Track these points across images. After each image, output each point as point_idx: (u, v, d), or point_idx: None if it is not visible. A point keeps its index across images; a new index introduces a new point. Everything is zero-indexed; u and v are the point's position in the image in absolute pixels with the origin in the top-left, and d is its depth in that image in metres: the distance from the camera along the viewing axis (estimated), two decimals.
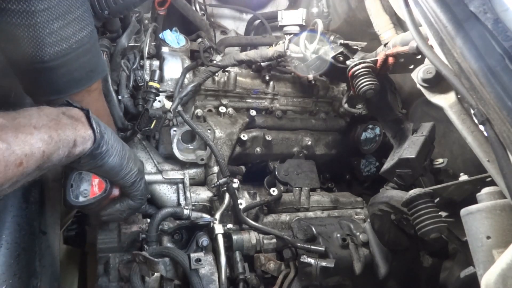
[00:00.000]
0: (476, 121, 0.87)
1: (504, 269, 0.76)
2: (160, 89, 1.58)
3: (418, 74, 1.10)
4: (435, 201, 1.17)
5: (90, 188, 1.07)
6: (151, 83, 1.54)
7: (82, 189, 1.06)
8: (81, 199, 1.06)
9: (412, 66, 1.31)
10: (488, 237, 0.89)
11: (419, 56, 1.25)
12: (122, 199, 1.20)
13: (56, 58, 0.96)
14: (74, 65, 1.01)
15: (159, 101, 1.59)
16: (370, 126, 1.99)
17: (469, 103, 0.82)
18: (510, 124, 0.72)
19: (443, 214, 1.19)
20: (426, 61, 1.16)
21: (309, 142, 1.88)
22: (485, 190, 0.96)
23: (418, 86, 1.12)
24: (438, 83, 1.06)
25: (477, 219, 0.92)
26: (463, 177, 1.16)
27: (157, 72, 1.57)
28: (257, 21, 2.36)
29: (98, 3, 1.17)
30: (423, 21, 0.98)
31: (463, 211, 0.96)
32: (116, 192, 1.15)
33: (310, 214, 1.70)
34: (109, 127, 1.06)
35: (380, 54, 1.37)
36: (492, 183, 0.95)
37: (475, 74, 0.78)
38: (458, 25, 0.84)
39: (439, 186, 1.18)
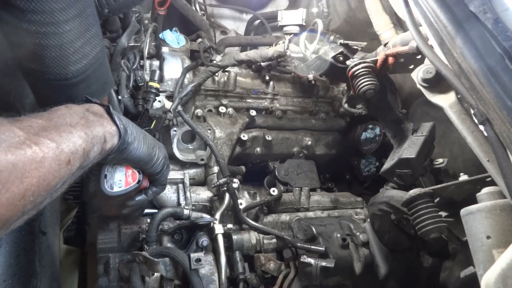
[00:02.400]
0: (476, 121, 0.87)
1: (504, 269, 0.76)
2: (160, 89, 1.58)
3: (418, 74, 1.10)
4: (435, 201, 1.17)
5: (124, 178, 1.08)
6: (151, 83, 1.54)
7: (116, 179, 1.07)
8: (116, 189, 1.07)
9: (412, 66, 1.31)
10: (488, 237, 0.89)
11: (419, 56, 1.24)
12: (148, 189, 1.21)
13: (78, 74, 0.98)
14: (92, 80, 1.03)
15: (159, 101, 1.59)
16: (370, 126, 1.99)
17: (469, 103, 0.82)
18: (510, 124, 0.72)
19: (443, 214, 1.19)
20: (426, 61, 1.16)
21: (309, 142, 1.88)
22: (485, 190, 0.96)
23: (418, 86, 1.12)
24: (438, 83, 1.06)
25: (477, 219, 0.92)
26: (463, 177, 1.16)
27: (157, 72, 1.57)
28: (257, 21, 2.36)
29: (98, 1, 1.17)
30: (423, 21, 0.98)
31: (463, 211, 0.96)
32: (145, 183, 1.16)
33: (310, 214, 1.70)
34: None
35: (380, 54, 1.36)
36: (492, 183, 0.95)
37: (475, 74, 0.78)
38: (458, 25, 0.84)
39: (439, 186, 1.18)
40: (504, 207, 0.89)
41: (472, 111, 0.84)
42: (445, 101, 1.01)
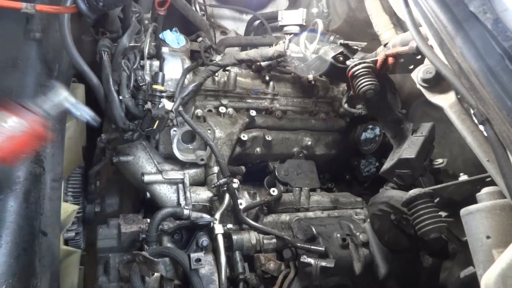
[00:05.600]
0: (476, 121, 0.87)
1: (504, 268, 0.76)
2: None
3: (418, 74, 1.11)
4: (435, 201, 1.17)
5: None
6: (155, 86, 1.52)
7: None
8: None
9: (412, 66, 1.30)
10: (488, 237, 0.89)
11: (419, 56, 1.24)
12: None
13: None
14: None
15: (160, 102, 1.59)
16: (370, 126, 1.99)
17: (469, 103, 0.82)
18: (510, 124, 0.72)
19: (443, 214, 1.19)
20: (426, 61, 1.16)
21: (309, 142, 1.88)
22: (485, 190, 0.96)
23: (418, 86, 1.12)
24: (438, 83, 1.06)
25: (477, 219, 0.92)
26: (463, 177, 1.16)
27: (160, 74, 1.56)
28: (257, 22, 2.36)
29: None
30: (423, 22, 0.98)
31: (463, 211, 0.97)
32: None
33: (310, 214, 1.70)
34: None
35: (380, 54, 1.37)
36: (492, 183, 0.95)
37: (475, 74, 0.78)
38: (458, 25, 0.84)
39: (439, 186, 1.18)
40: (504, 207, 0.89)
41: (472, 111, 0.84)
42: (445, 101, 1.02)
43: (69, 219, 1.45)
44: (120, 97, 1.53)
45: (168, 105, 1.56)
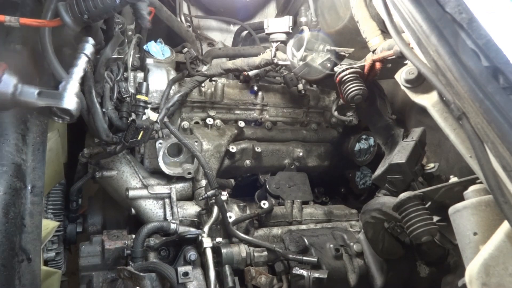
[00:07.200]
0: (453, 116, 0.95)
1: (487, 259, 0.84)
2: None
3: (401, 76, 1.20)
4: (427, 205, 1.25)
5: None
6: (139, 97, 1.59)
7: None
8: None
9: None
10: (475, 234, 0.97)
11: (406, 61, 1.34)
12: None
13: None
14: None
15: (144, 113, 1.66)
16: (364, 137, 2.07)
17: (447, 98, 0.91)
18: (482, 115, 0.81)
19: (436, 218, 1.26)
20: (409, 62, 1.25)
21: (301, 154, 1.95)
22: (472, 188, 1.05)
23: (402, 87, 1.21)
24: (420, 83, 1.15)
25: (464, 216, 1.00)
26: (453, 179, 1.24)
27: (144, 84, 1.63)
28: (245, 32, 2.47)
29: (77, 7, 1.24)
30: (402, 24, 1.08)
31: (450, 210, 1.05)
32: None
33: (303, 227, 1.76)
34: None
35: (367, 59, 1.46)
36: (481, 183, 1.03)
37: (450, 70, 0.88)
38: (432, 24, 0.94)
39: (429, 188, 1.25)
40: (489, 202, 0.97)
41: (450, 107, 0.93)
42: (428, 100, 1.10)
43: (48, 236, 1.49)
44: (103, 109, 1.60)
45: (153, 116, 1.63)
